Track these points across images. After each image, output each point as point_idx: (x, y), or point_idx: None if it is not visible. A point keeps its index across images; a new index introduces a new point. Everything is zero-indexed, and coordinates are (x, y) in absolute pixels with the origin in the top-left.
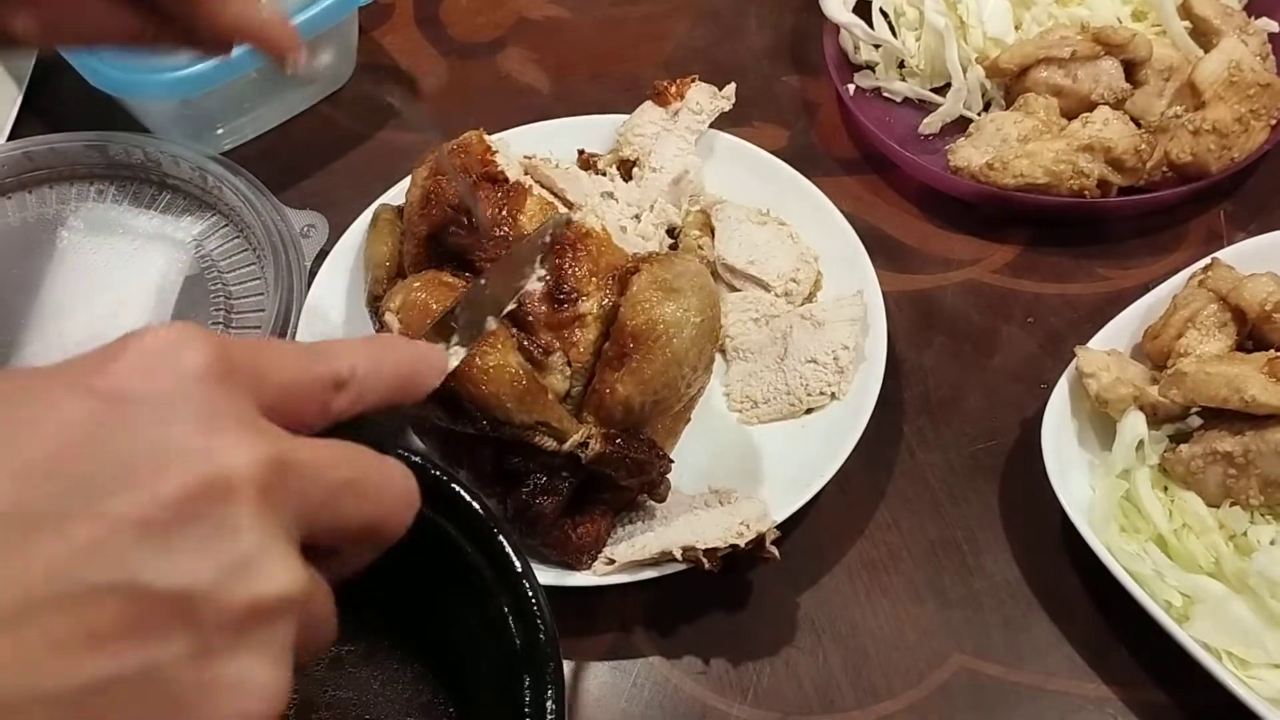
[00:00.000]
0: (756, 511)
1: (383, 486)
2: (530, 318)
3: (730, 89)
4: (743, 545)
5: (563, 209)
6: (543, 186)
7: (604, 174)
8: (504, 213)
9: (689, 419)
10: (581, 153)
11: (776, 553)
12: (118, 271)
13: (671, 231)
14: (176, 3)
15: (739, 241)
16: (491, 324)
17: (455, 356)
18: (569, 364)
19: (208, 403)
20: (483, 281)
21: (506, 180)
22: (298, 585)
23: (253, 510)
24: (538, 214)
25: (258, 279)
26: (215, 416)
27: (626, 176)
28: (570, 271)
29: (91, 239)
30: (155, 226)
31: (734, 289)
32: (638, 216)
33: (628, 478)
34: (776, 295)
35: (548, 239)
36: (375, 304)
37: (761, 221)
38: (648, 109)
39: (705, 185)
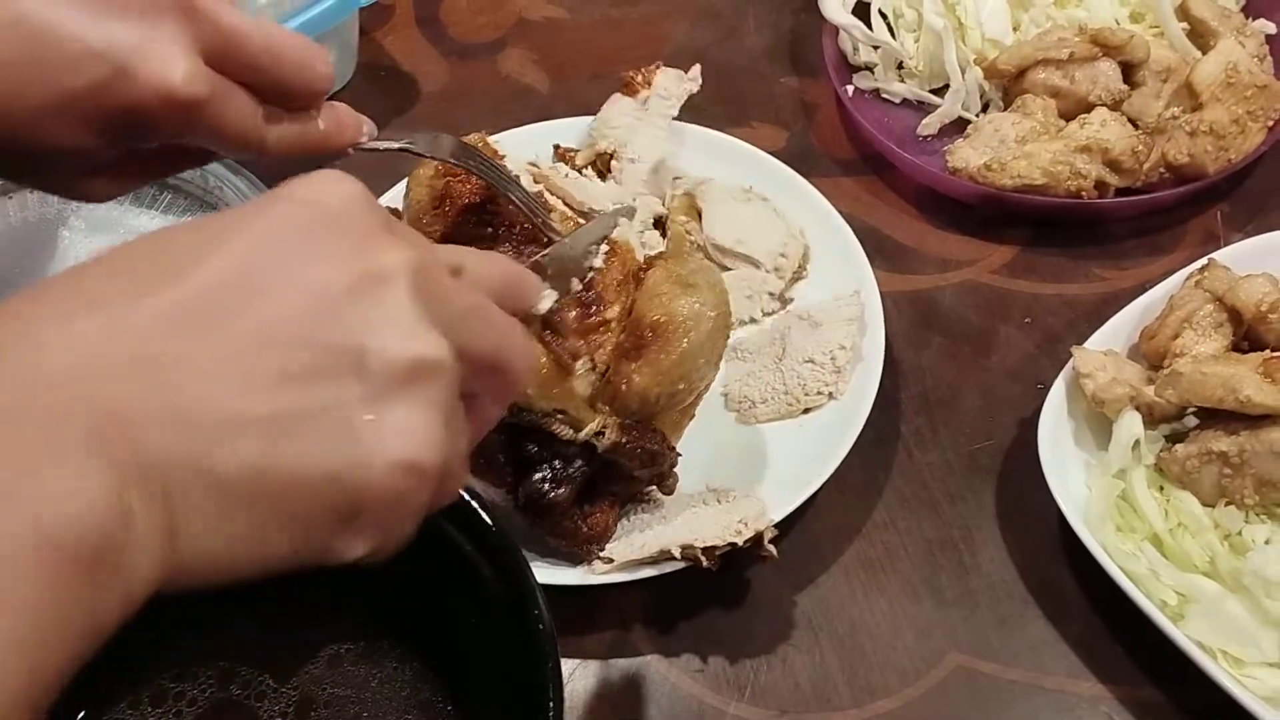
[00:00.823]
0: (755, 510)
1: (508, 325)
2: (559, 321)
3: (695, 70)
4: (741, 544)
5: (582, 219)
6: (555, 196)
7: (580, 171)
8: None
9: (694, 415)
10: (557, 148)
11: (774, 551)
12: None
13: (658, 223)
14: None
15: (725, 221)
16: (576, 285)
17: (548, 299)
18: (594, 368)
19: (367, 217)
20: (567, 241)
21: None
22: (448, 355)
23: (407, 293)
24: (557, 223)
25: None
26: (373, 228)
27: (605, 170)
28: (598, 278)
29: (93, 239)
30: (157, 226)
31: (725, 269)
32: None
33: (640, 468)
34: (766, 272)
35: (614, 223)
36: None
37: (745, 199)
38: (618, 101)
39: (687, 169)
